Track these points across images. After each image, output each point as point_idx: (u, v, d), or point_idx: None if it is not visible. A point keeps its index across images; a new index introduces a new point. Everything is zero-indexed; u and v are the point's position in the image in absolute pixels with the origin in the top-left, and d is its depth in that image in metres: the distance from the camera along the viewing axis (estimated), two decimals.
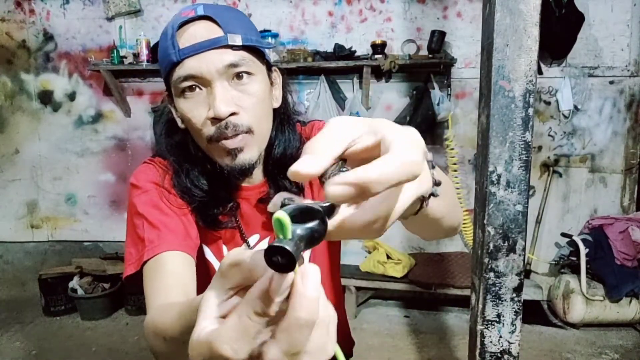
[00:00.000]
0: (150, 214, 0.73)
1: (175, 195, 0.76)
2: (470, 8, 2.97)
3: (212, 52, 0.66)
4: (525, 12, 1.43)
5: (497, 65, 1.46)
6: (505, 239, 1.53)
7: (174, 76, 0.68)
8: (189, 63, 0.66)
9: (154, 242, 0.70)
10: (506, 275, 1.55)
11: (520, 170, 1.49)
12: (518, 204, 1.51)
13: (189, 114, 0.70)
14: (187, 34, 0.67)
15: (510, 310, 1.57)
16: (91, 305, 2.85)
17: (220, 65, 0.66)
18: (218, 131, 0.68)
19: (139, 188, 0.76)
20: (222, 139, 0.69)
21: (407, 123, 2.95)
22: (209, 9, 0.68)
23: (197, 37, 0.66)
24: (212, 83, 0.67)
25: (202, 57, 0.66)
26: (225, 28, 0.67)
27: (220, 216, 0.78)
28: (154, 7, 3.05)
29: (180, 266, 0.69)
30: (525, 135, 1.48)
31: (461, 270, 2.84)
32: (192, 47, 0.66)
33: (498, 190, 1.51)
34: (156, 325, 0.55)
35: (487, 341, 1.58)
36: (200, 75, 0.67)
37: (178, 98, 0.70)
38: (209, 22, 0.67)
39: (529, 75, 1.46)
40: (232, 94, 0.68)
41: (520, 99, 1.46)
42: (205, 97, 0.68)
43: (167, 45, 0.67)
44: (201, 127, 0.69)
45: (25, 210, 3.25)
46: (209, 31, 0.67)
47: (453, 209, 0.57)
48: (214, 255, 0.82)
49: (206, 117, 0.68)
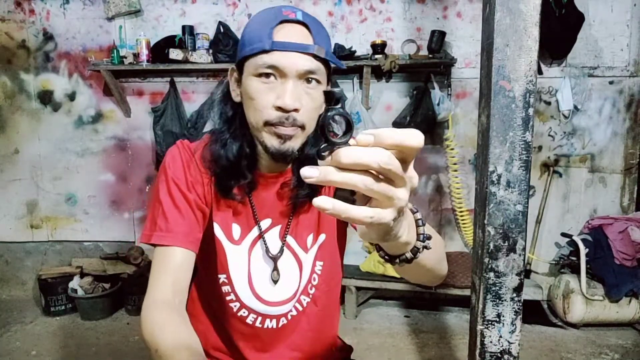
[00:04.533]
0: (167, 203, 0.83)
1: (201, 166, 0.86)
2: (470, 8, 2.97)
3: (299, 55, 0.76)
4: (525, 12, 1.43)
5: (497, 65, 1.46)
6: (505, 239, 1.53)
7: (258, 59, 0.76)
8: (277, 55, 0.75)
9: (162, 230, 0.82)
10: (506, 275, 1.55)
11: (521, 170, 1.49)
12: (518, 204, 1.51)
13: (257, 94, 0.78)
14: (284, 31, 0.76)
15: (510, 310, 1.57)
16: (91, 305, 2.85)
17: (301, 68, 0.76)
18: (278, 119, 0.77)
19: (167, 176, 0.85)
20: (279, 126, 0.78)
21: (407, 123, 2.95)
22: (307, 17, 0.78)
23: (292, 38, 0.76)
24: (288, 78, 0.77)
25: (290, 55, 0.75)
26: (315, 39, 0.77)
27: (236, 189, 0.86)
28: (154, 7, 3.05)
29: (179, 264, 0.80)
30: (526, 135, 1.48)
31: (461, 270, 2.84)
32: (284, 44, 0.75)
33: (498, 190, 1.51)
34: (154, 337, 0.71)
35: (487, 341, 1.58)
36: (282, 69, 0.76)
37: (251, 77, 0.79)
38: (303, 29, 0.78)
39: (529, 75, 1.46)
40: (299, 92, 0.78)
41: (521, 99, 1.47)
42: (276, 87, 0.77)
43: (262, 34, 0.76)
44: (263, 109, 0.78)
45: (25, 210, 3.25)
46: (303, 36, 0.77)
47: (441, 261, 0.70)
48: (222, 232, 0.89)
49: (273, 103, 0.77)
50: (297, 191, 0.87)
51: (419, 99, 2.92)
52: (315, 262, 0.94)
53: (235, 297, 0.91)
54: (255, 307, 0.91)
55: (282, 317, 0.93)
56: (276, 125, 0.78)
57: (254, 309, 0.91)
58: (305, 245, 0.93)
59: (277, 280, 0.90)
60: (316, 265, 0.94)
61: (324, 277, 0.95)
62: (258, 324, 0.92)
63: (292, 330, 0.95)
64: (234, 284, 0.90)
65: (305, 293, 0.94)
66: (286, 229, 0.91)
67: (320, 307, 0.97)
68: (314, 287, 0.95)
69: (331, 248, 0.95)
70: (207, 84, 3.09)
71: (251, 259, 0.90)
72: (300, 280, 0.93)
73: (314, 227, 0.93)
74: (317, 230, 0.93)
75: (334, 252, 0.97)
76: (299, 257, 0.92)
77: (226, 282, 0.90)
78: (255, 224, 0.90)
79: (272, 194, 0.89)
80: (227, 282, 0.90)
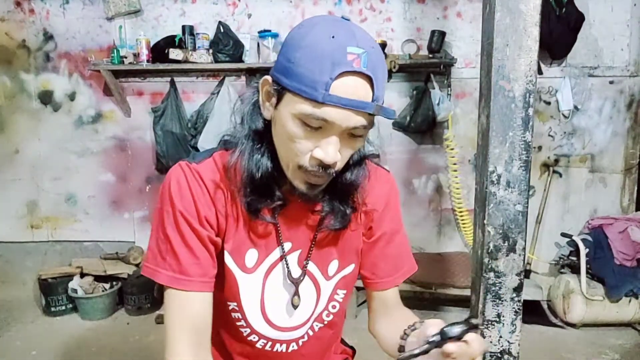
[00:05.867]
0: (176, 240, 0.75)
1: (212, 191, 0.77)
2: (470, 8, 2.97)
3: (354, 112, 0.65)
4: (525, 12, 1.43)
5: (497, 65, 1.46)
6: (505, 239, 1.53)
7: (306, 107, 0.65)
8: (330, 111, 0.64)
9: (174, 270, 0.75)
10: (506, 275, 1.55)
11: (520, 170, 1.49)
12: (518, 204, 1.51)
13: (297, 138, 0.68)
14: (344, 86, 0.63)
15: (510, 310, 1.57)
16: (91, 305, 2.85)
17: (352, 125, 0.66)
18: (312, 167, 0.69)
19: (173, 208, 0.75)
20: (312, 174, 0.70)
21: (407, 123, 2.96)
22: (371, 64, 0.64)
23: (349, 94, 0.64)
24: (334, 132, 0.67)
25: (344, 112, 0.64)
26: (375, 94, 0.66)
27: (265, 209, 0.79)
28: (154, 7, 3.05)
29: (197, 311, 0.75)
30: (525, 135, 1.48)
31: (461, 270, 2.84)
32: (339, 100, 0.63)
33: (498, 190, 1.51)
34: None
35: (487, 341, 1.58)
36: (332, 124, 0.66)
37: (293, 117, 0.67)
38: (366, 82, 0.65)
39: (529, 75, 1.46)
40: (341, 145, 0.69)
41: (520, 99, 1.47)
42: (318, 136, 0.68)
43: (317, 78, 0.63)
44: (300, 154, 0.69)
45: (25, 210, 3.25)
46: (363, 93, 0.65)
47: None
48: (233, 261, 0.82)
49: (312, 152, 0.68)
50: (330, 222, 0.81)
51: (419, 99, 2.92)
52: (336, 289, 0.90)
53: (245, 324, 0.86)
54: (267, 334, 0.87)
55: (292, 342, 0.89)
56: (309, 172, 0.70)
57: (265, 335, 0.87)
58: (326, 272, 0.88)
59: (298, 305, 0.86)
60: (337, 294, 0.90)
61: (344, 303, 0.93)
62: (268, 348, 0.89)
63: (301, 353, 0.92)
64: (245, 312, 0.85)
65: (319, 320, 0.91)
66: (308, 254, 0.85)
67: (333, 330, 0.95)
68: (331, 314, 0.91)
69: (354, 277, 0.93)
70: (207, 83, 3.09)
71: (266, 285, 0.84)
72: (316, 307, 0.89)
73: (336, 254, 0.88)
74: (343, 259, 0.89)
75: (354, 280, 0.94)
76: (319, 284, 0.88)
77: (236, 310, 0.85)
78: (277, 246, 0.83)
79: (296, 217, 0.83)
80: (237, 309, 0.85)
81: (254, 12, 3.03)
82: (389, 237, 0.91)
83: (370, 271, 0.92)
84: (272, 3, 3.03)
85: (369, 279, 0.92)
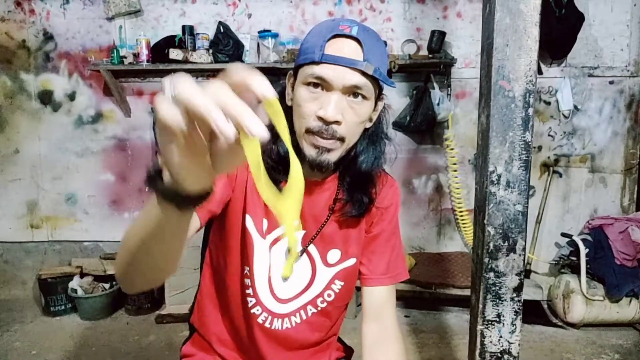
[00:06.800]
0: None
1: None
2: (470, 8, 2.97)
3: (347, 69, 0.76)
4: (525, 12, 1.43)
5: (497, 65, 1.46)
6: (505, 239, 1.53)
7: (308, 69, 0.78)
8: (325, 68, 0.76)
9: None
10: (506, 275, 1.55)
11: (520, 170, 1.49)
12: (518, 204, 1.51)
13: (303, 102, 0.80)
14: (335, 45, 0.77)
15: (510, 310, 1.57)
16: (91, 305, 2.85)
17: (347, 83, 0.77)
18: (318, 128, 0.79)
19: None
20: (318, 135, 0.79)
21: (407, 123, 2.95)
22: (362, 33, 0.78)
23: (342, 52, 0.77)
24: (333, 91, 0.77)
25: (337, 68, 0.76)
26: (366, 55, 0.77)
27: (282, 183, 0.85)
28: (154, 7, 3.05)
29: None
30: (525, 135, 1.48)
31: (461, 270, 2.84)
32: (333, 58, 0.76)
33: (498, 190, 1.51)
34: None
35: (487, 341, 1.58)
36: (329, 82, 0.77)
37: (301, 85, 0.80)
38: (356, 44, 0.77)
39: (529, 75, 1.46)
40: (343, 105, 0.78)
41: (520, 99, 1.46)
42: (321, 97, 0.78)
43: (315, 45, 0.78)
44: (306, 117, 0.80)
45: (25, 210, 3.25)
46: (353, 52, 0.77)
47: None
48: (254, 225, 0.90)
49: (315, 112, 0.78)
50: (348, 209, 0.89)
51: (418, 99, 2.92)
52: (334, 279, 0.95)
53: (253, 292, 0.92)
54: (268, 304, 0.92)
55: (286, 318, 0.94)
56: (315, 134, 0.79)
57: (266, 306, 0.92)
58: (326, 259, 0.94)
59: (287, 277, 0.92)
60: (335, 284, 0.95)
61: (341, 295, 0.97)
62: (267, 325, 0.93)
63: (295, 338, 0.96)
64: (254, 277, 0.91)
65: (313, 304, 0.95)
66: (312, 237, 0.92)
67: (328, 318, 0.99)
68: (326, 302, 0.95)
69: (355, 272, 0.97)
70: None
71: (272, 253, 0.91)
72: (308, 287, 0.94)
73: (339, 244, 0.93)
74: (345, 251, 0.94)
75: (355, 275, 0.98)
76: (316, 267, 0.93)
77: (248, 275, 0.91)
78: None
79: (311, 202, 0.90)
80: (249, 275, 0.91)
81: (254, 12, 3.03)
82: (387, 236, 0.97)
83: (364, 265, 0.97)
84: (272, 3, 3.03)
85: (361, 273, 0.98)
